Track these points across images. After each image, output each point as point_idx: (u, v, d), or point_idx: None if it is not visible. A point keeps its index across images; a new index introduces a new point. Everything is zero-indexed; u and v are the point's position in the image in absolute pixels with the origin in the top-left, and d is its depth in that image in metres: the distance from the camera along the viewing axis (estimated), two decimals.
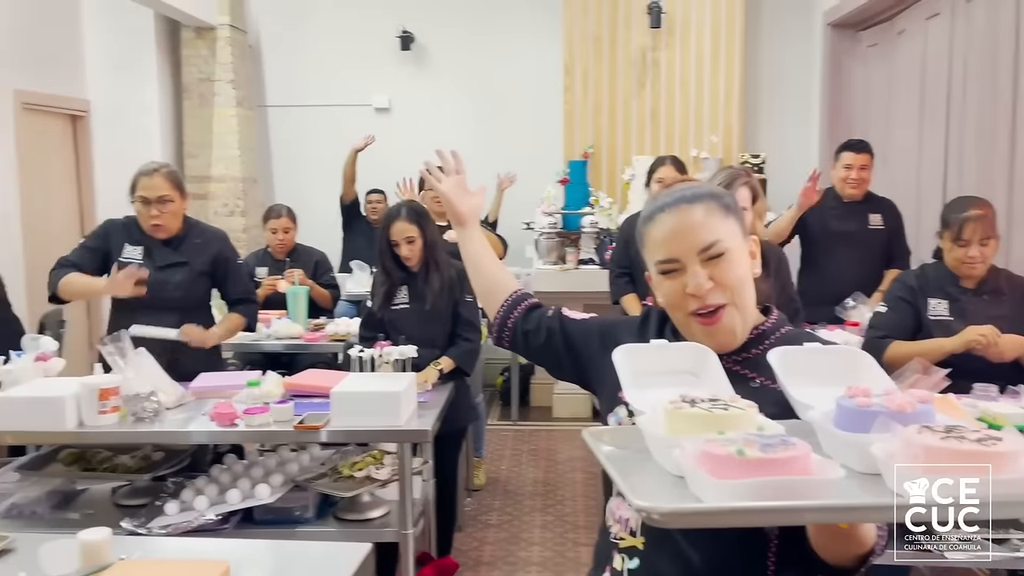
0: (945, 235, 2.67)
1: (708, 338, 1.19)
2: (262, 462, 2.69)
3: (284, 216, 4.28)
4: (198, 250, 3.04)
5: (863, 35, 5.29)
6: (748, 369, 1.21)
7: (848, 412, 0.96)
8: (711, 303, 1.17)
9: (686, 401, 0.99)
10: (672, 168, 3.82)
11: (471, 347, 3.11)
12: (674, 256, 1.18)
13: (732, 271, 1.18)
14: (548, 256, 5.45)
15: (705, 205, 1.19)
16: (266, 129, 6.35)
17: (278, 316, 3.90)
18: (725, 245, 1.18)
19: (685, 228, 1.18)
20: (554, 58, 5.91)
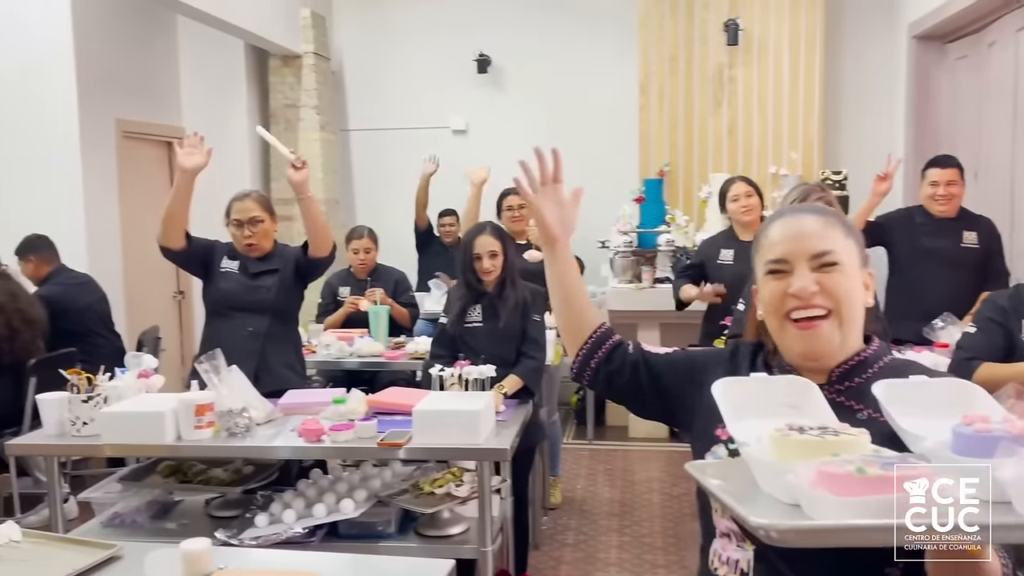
0: None
1: (801, 343, 1.16)
2: (346, 477, 2.77)
3: (365, 237, 4.41)
4: (286, 259, 3.23)
5: (951, 47, 5.14)
6: (853, 400, 1.16)
7: (967, 439, 0.93)
8: (813, 305, 1.15)
9: (793, 429, 0.97)
10: (744, 183, 3.81)
11: (535, 365, 3.14)
12: (784, 256, 1.18)
13: (842, 283, 1.15)
14: (623, 275, 5.44)
15: (827, 219, 1.20)
16: (348, 152, 6.55)
17: (360, 334, 4.01)
18: (840, 257, 1.16)
19: (801, 232, 1.18)
20: (629, 77, 5.93)
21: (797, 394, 1.12)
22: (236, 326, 3.07)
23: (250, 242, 3.10)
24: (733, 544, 1.16)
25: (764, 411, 1.09)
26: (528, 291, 3.22)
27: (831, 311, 1.15)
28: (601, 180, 6.06)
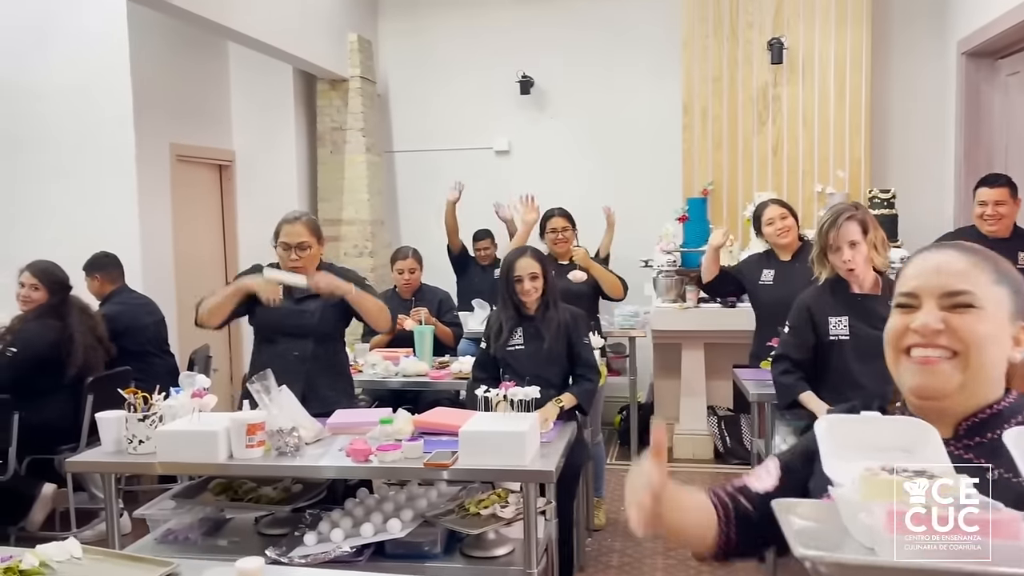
0: None
1: (915, 376, 1.08)
2: (392, 497, 2.80)
3: (410, 257, 4.47)
4: None
5: (1002, 63, 5.05)
6: (984, 457, 1.04)
7: None
8: (935, 345, 1.06)
9: (885, 469, 0.90)
10: (777, 205, 3.81)
11: (592, 387, 3.16)
12: (914, 291, 1.09)
13: (975, 326, 1.06)
14: (667, 294, 5.42)
15: (976, 259, 1.10)
16: (393, 173, 6.65)
17: (405, 354, 4.06)
18: (979, 301, 1.06)
19: (939, 268, 1.09)
20: (672, 97, 5.93)
21: (913, 438, 1.03)
22: (282, 351, 3.12)
23: (296, 266, 3.15)
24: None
25: (872, 453, 1.00)
26: (569, 314, 3.23)
27: (957, 353, 1.06)
28: (644, 199, 6.08)
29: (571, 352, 3.19)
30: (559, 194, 5.48)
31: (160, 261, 5.11)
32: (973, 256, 1.11)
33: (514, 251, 3.28)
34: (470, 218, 5.95)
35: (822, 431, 1.04)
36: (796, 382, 2.94)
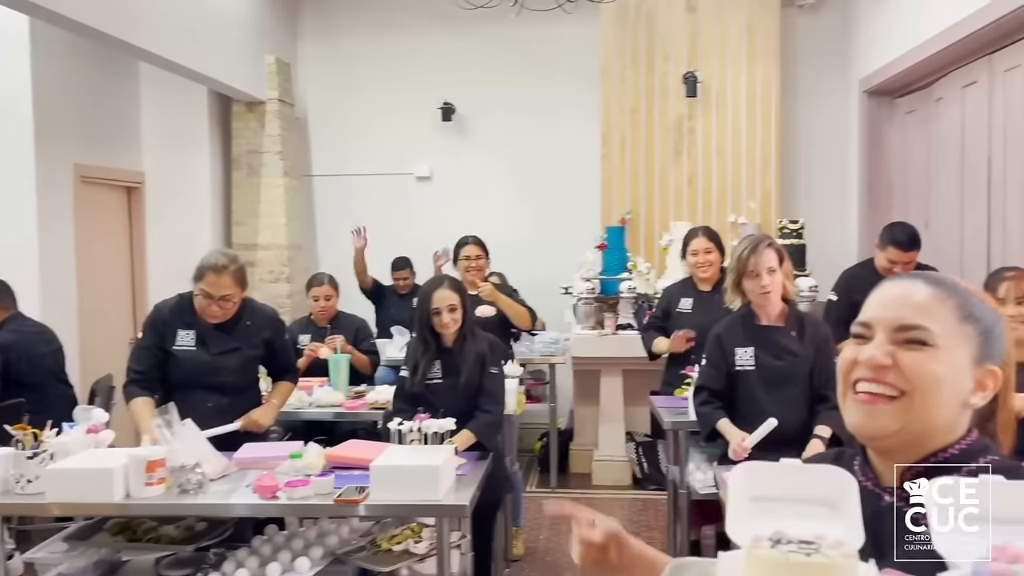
0: None
1: (856, 415, 1.01)
2: (302, 534, 2.71)
3: (326, 284, 4.38)
4: (249, 333, 3.14)
5: (900, 102, 5.32)
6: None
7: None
8: (881, 381, 0.98)
9: (771, 539, 0.83)
10: (705, 239, 3.87)
11: (491, 419, 3.10)
12: (869, 321, 1.01)
13: (927, 365, 0.97)
14: (586, 321, 5.46)
15: (944, 294, 1.01)
16: (311, 197, 6.54)
17: (320, 384, 3.96)
18: (935, 340, 0.97)
19: (901, 299, 1.01)
20: (592, 127, 6.03)
21: (834, 490, 0.93)
22: (196, 401, 2.94)
23: (216, 319, 3.03)
24: None
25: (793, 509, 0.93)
26: (487, 343, 3.20)
27: (904, 393, 0.97)
28: (564, 227, 6.15)
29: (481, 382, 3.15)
30: (481, 220, 5.50)
31: (61, 286, 4.87)
32: (941, 290, 1.02)
33: (431, 282, 3.22)
34: (390, 246, 5.90)
35: (735, 482, 0.97)
36: (713, 411, 3.00)
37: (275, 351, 3.26)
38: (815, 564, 0.79)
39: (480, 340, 3.16)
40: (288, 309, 5.72)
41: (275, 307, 5.62)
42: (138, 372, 3.04)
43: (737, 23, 5.76)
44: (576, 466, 5.63)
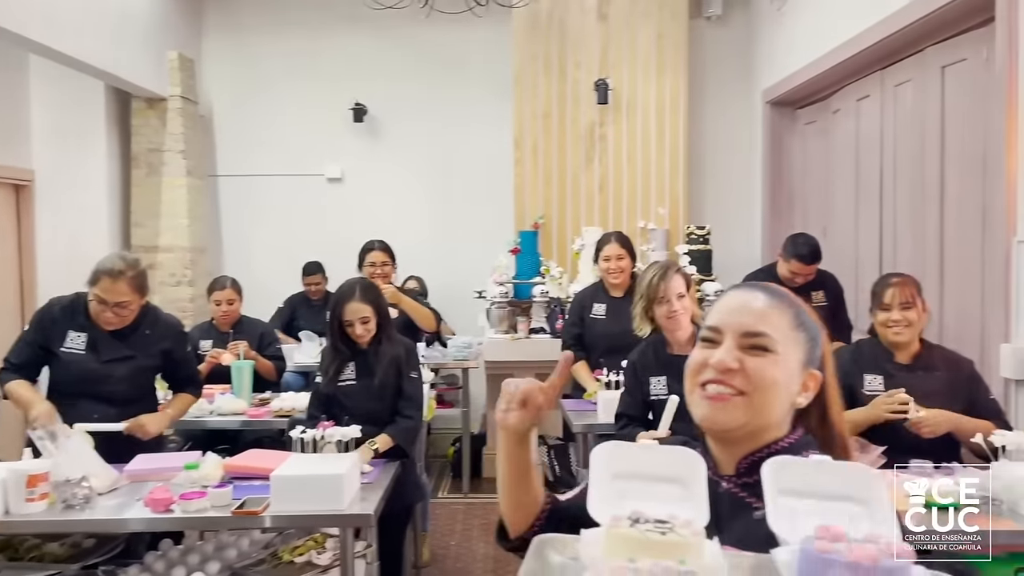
0: (873, 305, 2.79)
1: (707, 410, 1.11)
2: (199, 548, 2.60)
3: (228, 288, 4.24)
4: (147, 343, 2.99)
5: (800, 113, 5.52)
6: (755, 497, 1.06)
7: (808, 558, 0.87)
8: (727, 384, 1.10)
9: (630, 518, 0.91)
10: (617, 245, 3.91)
11: (411, 425, 3.07)
12: (719, 326, 1.13)
13: (768, 370, 1.10)
14: (499, 325, 5.46)
15: (779, 304, 1.15)
16: (216, 198, 6.33)
17: (221, 391, 3.83)
18: (776, 346, 1.11)
19: (744, 307, 1.14)
20: (504, 131, 6.04)
21: (684, 469, 1.04)
22: (82, 409, 2.79)
23: (111, 326, 2.88)
24: None
25: (645, 485, 1.03)
26: (403, 347, 3.16)
27: (745, 394, 1.10)
28: (478, 231, 6.13)
29: (398, 387, 3.11)
30: (394, 223, 5.44)
31: None
32: (777, 300, 1.15)
33: (343, 293, 3.11)
34: (300, 249, 5.78)
35: (596, 460, 1.05)
36: (632, 430, 3.00)
37: (175, 362, 3.11)
38: (669, 542, 0.87)
39: (397, 344, 3.13)
40: (190, 314, 5.51)
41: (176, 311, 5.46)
42: (13, 364, 2.88)
43: (647, 33, 5.87)
44: (489, 471, 5.61)
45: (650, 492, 1.01)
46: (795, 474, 0.99)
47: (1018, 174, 3.00)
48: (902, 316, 2.70)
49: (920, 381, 2.70)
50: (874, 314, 2.80)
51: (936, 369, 2.73)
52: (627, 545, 0.88)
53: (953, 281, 3.67)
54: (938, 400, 2.63)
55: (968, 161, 3.55)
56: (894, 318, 2.71)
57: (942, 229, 3.76)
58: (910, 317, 2.71)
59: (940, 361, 2.75)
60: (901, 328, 2.71)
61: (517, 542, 1.26)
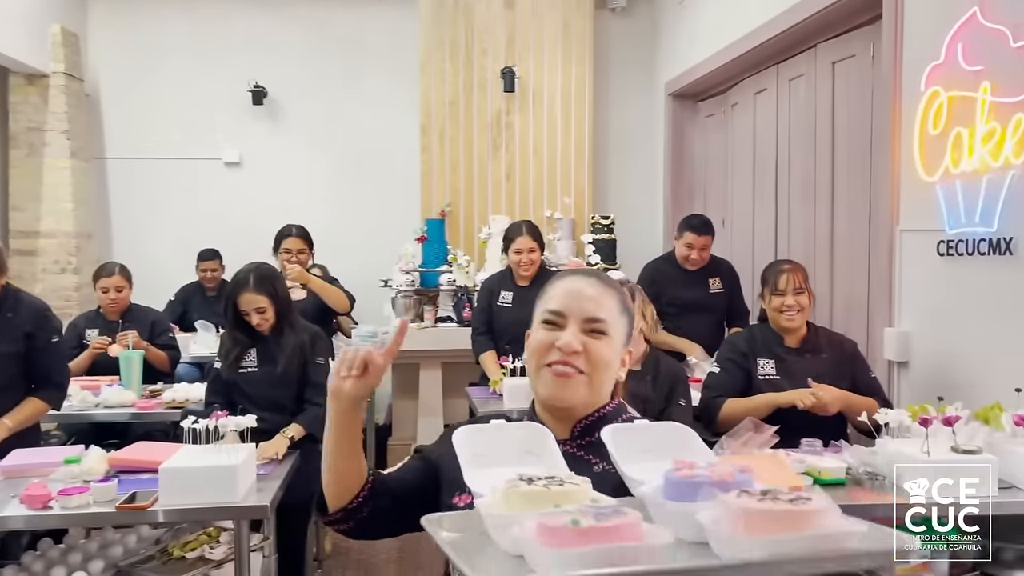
0: (765, 291, 2.87)
1: (555, 387, 1.25)
2: (82, 546, 2.46)
3: (117, 274, 4.02)
4: (7, 327, 2.78)
5: (701, 106, 5.65)
6: (591, 454, 1.26)
7: (675, 484, 1.00)
8: (571, 364, 1.24)
9: (523, 480, 1.00)
10: (529, 238, 3.90)
11: (321, 412, 2.97)
12: (562, 310, 1.27)
13: (604, 352, 1.26)
14: (406, 314, 5.38)
15: (611, 292, 1.30)
16: (104, 182, 6.00)
17: (109, 383, 3.64)
18: (609, 329, 1.26)
19: (584, 294, 1.27)
20: (411, 118, 5.95)
21: (535, 441, 1.19)
22: None
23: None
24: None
25: (504, 458, 1.15)
26: (308, 334, 3.06)
27: (586, 374, 1.25)
28: (383, 219, 6.03)
29: (303, 373, 3.02)
30: (296, 210, 5.27)
31: None
32: (609, 288, 1.31)
33: (237, 281, 2.99)
34: (193, 235, 5.55)
35: (459, 440, 1.17)
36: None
37: (37, 351, 2.83)
38: (567, 491, 0.98)
39: (301, 330, 3.03)
40: (76, 303, 5.22)
41: (61, 301, 5.17)
42: None
43: (552, 22, 5.89)
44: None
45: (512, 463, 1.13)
46: (630, 437, 1.18)
47: (902, 166, 3.14)
48: (795, 301, 2.79)
49: (808, 364, 2.81)
50: (766, 300, 2.89)
51: (822, 351, 2.84)
52: (530, 500, 0.96)
53: (842, 268, 3.83)
54: (825, 380, 2.74)
55: (856, 153, 3.71)
56: (788, 303, 2.79)
57: (832, 218, 3.92)
58: (802, 302, 2.81)
59: (825, 343, 2.87)
60: (794, 313, 2.80)
61: (339, 514, 1.30)
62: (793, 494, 0.92)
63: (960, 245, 2.81)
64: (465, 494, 1.21)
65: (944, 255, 2.89)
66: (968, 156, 2.74)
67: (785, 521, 0.88)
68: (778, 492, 0.93)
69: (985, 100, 2.66)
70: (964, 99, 2.77)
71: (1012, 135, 2.55)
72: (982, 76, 2.69)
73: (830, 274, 3.91)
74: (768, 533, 0.87)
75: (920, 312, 3.09)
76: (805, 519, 0.88)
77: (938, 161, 2.88)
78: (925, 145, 2.98)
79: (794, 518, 0.88)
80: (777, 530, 0.87)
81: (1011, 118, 2.55)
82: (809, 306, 2.84)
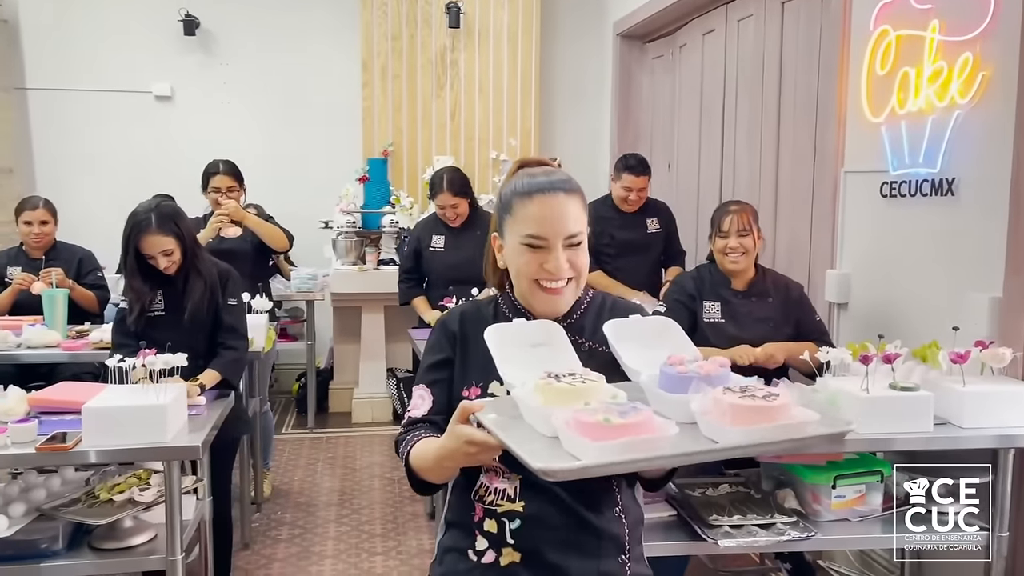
0: (712, 232, 2.83)
1: (548, 304, 1.41)
2: (2, 490, 2.34)
3: (41, 208, 3.82)
4: None
5: (649, 47, 5.57)
6: (576, 334, 1.43)
7: (670, 377, 1.24)
8: (561, 279, 1.38)
9: (552, 376, 1.21)
10: (449, 195, 3.81)
11: (236, 356, 2.84)
12: (544, 236, 1.36)
13: (583, 256, 1.40)
14: (347, 256, 5.26)
15: (575, 197, 1.39)
16: (25, 114, 5.66)
17: (31, 322, 3.47)
18: (583, 236, 1.40)
19: (560, 215, 1.37)
20: (352, 54, 5.74)
21: (547, 335, 1.38)
22: None
23: None
24: (500, 477, 1.37)
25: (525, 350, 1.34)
26: (218, 273, 2.89)
27: (572, 280, 1.40)
28: (324, 158, 5.86)
29: (216, 316, 2.87)
30: (231, 147, 5.05)
31: None
32: (573, 194, 1.40)
33: (137, 221, 2.69)
34: (128, 172, 5.31)
35: (492, 337, 1.33)
36: None
37: None
38: (589, 388, 1.20)
39: (208, 272, 2.83)
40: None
41: None
42: None
43: None
44: (336, 405, 5.48)
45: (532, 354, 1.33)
46: (628, 330, 1.40)
47: (848, 107, 3.13)
48: (739, 243, 2.76)
49: (754, 307, 2.80)
50: (713, 241, 2.86)
51: (768, 295, 2.82)
52: (561, 395, 1.17)
53: (786, 210, 3.84)
54: (770, 325, 2.75)
55: (802, 95, 3.69)
56: (731, 245, 2.76)
57: (777, 161, 3.91)
58: (746, 244, 2.77)
59: (772, 286, 2.85)
60: (738, 256, 2.77)
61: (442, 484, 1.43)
62: (765, 390, 1.17)
63: (903, 187, 2.82)
64: (475, 387, 1.40)
65: (887, 196, 2.91)
66: (915, 96, 2.73)
67: (760, 413, 1.12)
68: (753, 388, 1.17)
69: (934, 39, 2.65)
70: (912, 38, 2.75)
71: (959, 75, 2.54)
72: (931, 15, 2.67)
73: (774, 217, 3.92)
74: (747, 423, 1.11)
75: (861, 254, 3.12)
76: (775, 411, 1.13)
77: (885, 102, 2.88)
78: (872, 85, 2.97)
79: (767, 411, 1.12)
80: (754, 420, 1.11)
81: (959, 57, 2.54)
82: (755, 248, 2.81)
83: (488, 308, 1.50)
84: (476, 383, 1.41)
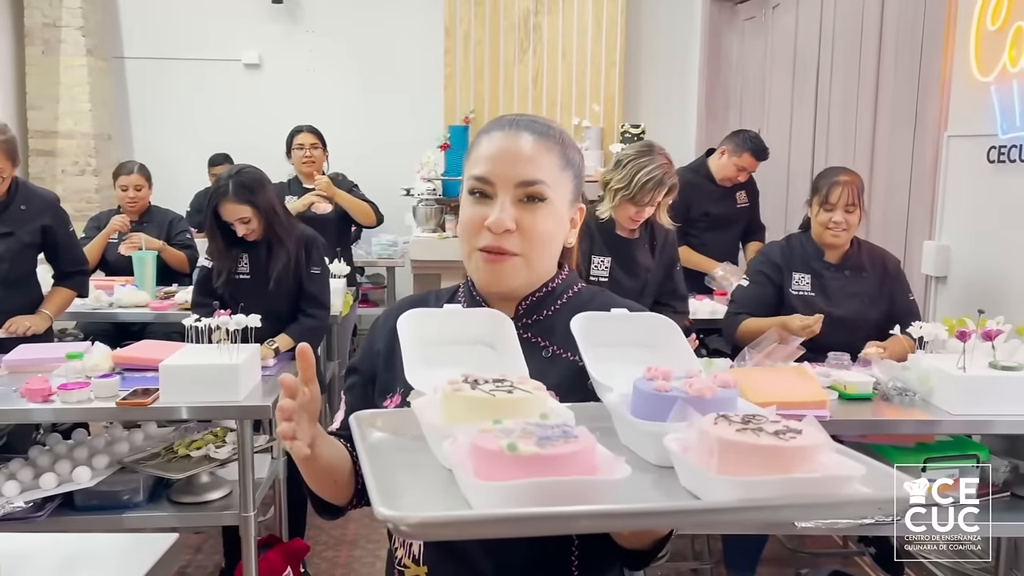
0: (814, 200, 2.66)
1: (488, 275, 1.05)
2: (88, 442, 2.44)
3: (136, 173, 3.94)
4: (23, 219, 2.80)
5: (740, 8, 5.33)
6: (540, 336, 1.09)
7: (645, 397, 0.86)
8: (504, 248, 1.03)
9: (467, 382, 0.84)
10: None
11: (314, 324, 2.88)
12: (491, 178, 1.03)
13: (542, 223, 1.04)
14: (427, 223, 5.27)
15: (547, 144, 1.05)
16: (123, 82, 5.88)
17: (123, 283, 3.60)
18: (548, 192, 1.03)
19: (514, 153, 1.03)
20: (435, 20, 5.71)
21: (492, 329, 1.02)
22: None
23: None
24: None
25: (456, 349, 0.99)
26: (303, 240, 2.92)
27: (522, 255, 1.04)
28: (406, 125, 5.87)
29: (299, 283, 2.90)
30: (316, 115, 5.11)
31: None
32: (545, 139, 1.06)
33: (217, 188, 2.75)
34: (212, 137, 5.44)
35: (404, 328, 0.98)
36: None
37: (58, 243, 2.91)
38: (515, 399, 0.82)
39: (292, 240, 2.85)
40: (96, 204, 5.19)
41: (82, 204, 5.14)
42: None
43: None
44: None
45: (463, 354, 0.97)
46: (603, 327, 1.01)
47: (954, 67, 2.91)
48: (844, 219, 2.57)
49: (848, 281, 2.64)
50: (812, 209, 2.67)
51: (863, 269, 2.65)
52: (469, 408, 0.80)
53: (882, 177, 3.63)
54: (864, 299, 2.60)
55: (904, 56, 3.45)
56: (835, 219, 2.57)
57: (875, 125, 3.69)
58: (851, 220, 2.58)
59: (868, 260, 2.67)
60: (840, 231, 2.60)
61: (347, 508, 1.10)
62: (781, 424, 0.75)
63: (1013, 152, 2.61)
64: (397, 395, 1.06)
65: (994, 162, 2.69)
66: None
67: (767, 457, 0.70)
68: (762, 420, 0.76)
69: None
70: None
71: None
72: None
73: (870, 185, 3.68)
74: (745, 472, 0.70)
75: (963, 224, 2.91)
76: (791, 457, 0.70)
77: (995, 60, 2.65)
78: (981, 42, 2.74)
79: (778, 455, 0.70)
80: (756, 469, 0.70)
81: None
82: (858, 225, 2.63)
83: (444, 297, 1.17)
84: (399, 390, 1.07)
